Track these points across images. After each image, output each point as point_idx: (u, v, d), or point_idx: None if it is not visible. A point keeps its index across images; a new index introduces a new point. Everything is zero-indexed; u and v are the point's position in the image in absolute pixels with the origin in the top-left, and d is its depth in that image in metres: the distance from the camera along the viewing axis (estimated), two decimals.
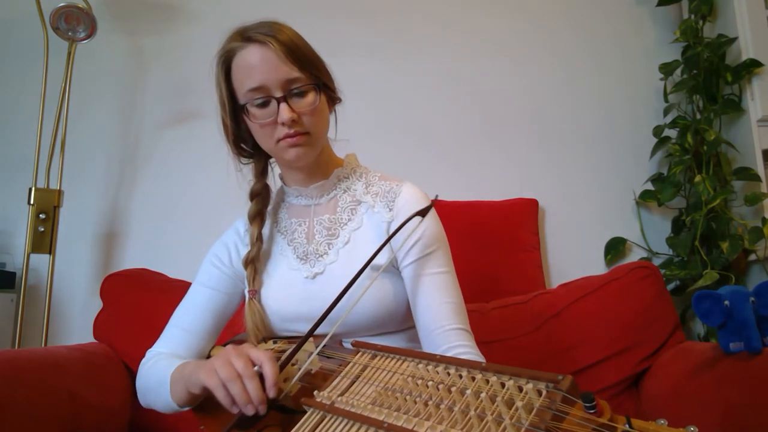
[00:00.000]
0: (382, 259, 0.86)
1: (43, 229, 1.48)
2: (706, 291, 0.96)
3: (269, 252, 0.95)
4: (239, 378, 0.64)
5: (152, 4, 1.78)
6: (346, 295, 0.77)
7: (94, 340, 1.36)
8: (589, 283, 1.34)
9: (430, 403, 0.53)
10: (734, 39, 1.61)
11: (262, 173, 0.96)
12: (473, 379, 0.54)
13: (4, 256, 1.59)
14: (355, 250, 0.88)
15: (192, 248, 1.63)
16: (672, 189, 1.61)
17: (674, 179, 1.63)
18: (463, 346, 0.81)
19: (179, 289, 1.38)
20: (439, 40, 1.81)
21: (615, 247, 1.66)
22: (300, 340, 0.73)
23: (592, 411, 0.44)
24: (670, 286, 1.61)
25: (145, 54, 1.77)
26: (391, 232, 0.86)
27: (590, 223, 1.70)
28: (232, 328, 1.06)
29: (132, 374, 1.30)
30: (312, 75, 0.85)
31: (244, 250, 0.94)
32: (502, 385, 0.51)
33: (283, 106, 0.81)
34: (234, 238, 0.98)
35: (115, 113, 1.74)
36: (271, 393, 0.64)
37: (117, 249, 1.66)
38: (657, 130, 1.72)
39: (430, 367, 0.59)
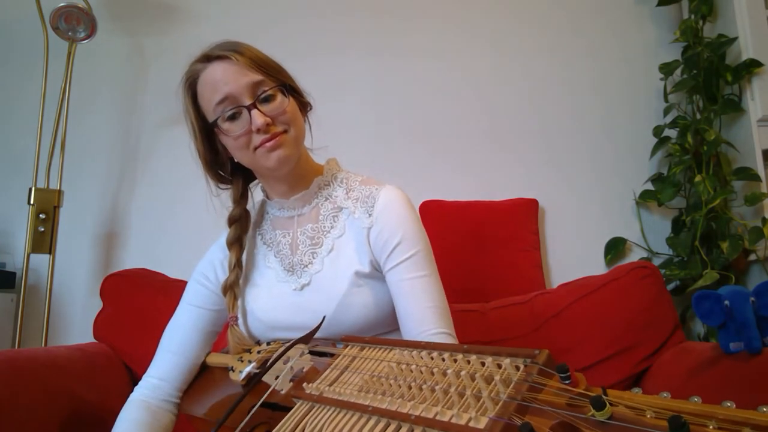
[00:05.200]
0: (364, 267, 0.86)
1: (43, 229, 1.48)
2: (706, 291, 0.96)
3: (256, 264, 0.95)
4: None
5: (152, 4, 1.78)
6: (334, 305, 0.78)
7: (94, 340, 1.36)
8: (589, 283, 1.34)
9: (413, 385, 0.54)
10: (734, 39, 1.61)
11: (240, 198, 0.95)
12: (455, 360, 0.55)
13: (4, 256, 1.59)
14: (339, 258, 0.88)
15: (192, 248, 1.62)
16: (672, 189, 1.61)
17: (674, 179, 1.63)
18: None
19: (179, 289, 1.38)
20: (438, 41, 1.81)
21: (615, 247, 1.66)
22: (288, 344, 0.74)
23: (567, 382, 0.45)
24: (670, 286, 1.61)
25: (145, 54, 1.77)
26: (373, 241, 0.86)
27: (590, 223, 1.70)
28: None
29: (132, 374, 1.30)
30: (276, 79, 0.85)
31: (229, 268, 0.93)
32: (482, 364, 0.53)
33: (255, 112, 0.80)
34: (219, 256, 0.97)
35: (115, 113, 1.74)
36: None
37: (117, 249, 1.66)
38: (657, 130, 1.72)
39: (414, 353, 0.60)
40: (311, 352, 0.76)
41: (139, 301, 1.37)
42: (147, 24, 1.78)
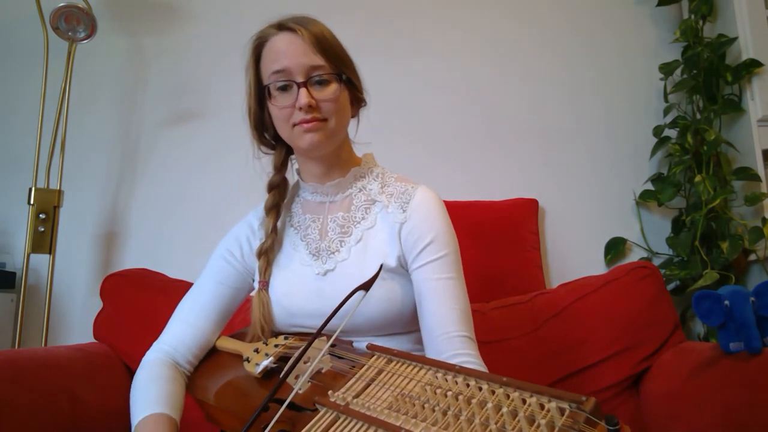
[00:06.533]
0: (391, 261, 0.86)
1: (43, 229, 1.48)
2: (706, 291, 0.96)
3: (282, 245, 0.95)
4: None
5: (152, 4, 1.78)
6: (356, 295, 0.77)
7: (94, 340, 1.36)
8: (589, 283, 1.34)
9: (449, 413, 0.52)
10: (734, 39, 1.61)
11: (281, 166, 0.96)
12: (493, 392, 0.53)
13: (4, 256, 1.59)
14: (367, 249, 0.88)
15: (192, 248, 1.63)
16: (672, 189, 1.61)
17: (674, 179, 1.63)
18: (467, 355, 0.81)
19: (179, 289, 1.38)
20: (439, 41, 1.81)
21: (615, 247, 1.66)
22: (309, 340, 0.72)
23: None
24: (670, 286, 1.61)
25: (145, 54, 1.77)
26: (404, 237, 0.87)
27: (590, 223, 1.70)
28: (233, 323, 1.05)
29: (132, 374, 1.30)
30: (336, 67, 0.87)
31: (257, 245, 0.95)
32: (524, 401, 0.50)
33: (303, 91, 0.83)
34: (246, 232, 0.98)
35: (115, 113, 1.74)
36: None
37: (117, 249, 1.66)
38: (657, 130, 1.72)
39: (449, 377, 0.58)
40: (330, 354, 0.75)
41: (139, 301, 1.37)
42: (147, 24, 1.78)
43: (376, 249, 0.88)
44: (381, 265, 0.81)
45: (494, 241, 1.55)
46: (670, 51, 1.79)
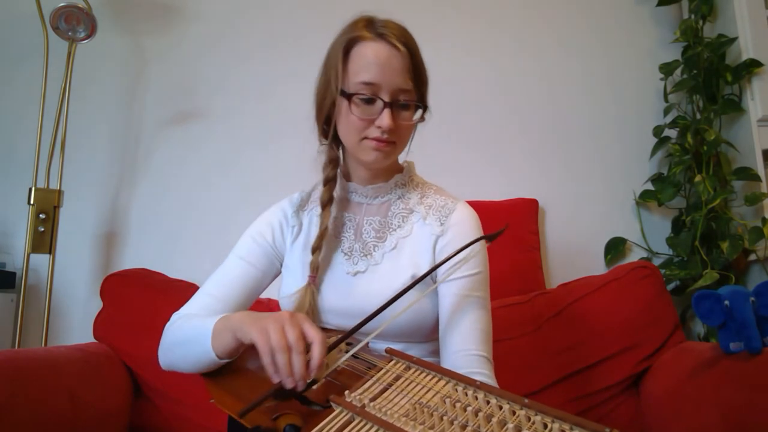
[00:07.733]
0: (421, 272, 0.86)
1: (43, 229, 1.48)
2: (706, 291, 0.96)
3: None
4: (288, 351, 0.63)
5: (152, 4, 1.78)
6: (382, 300, 0.77)
7: (94, 340, 1.36)
8: (589, 283, 1.34)
9: (468, 428, 0.51)
10: (734, 39, 1.61)
11: (336, 160, 0.96)
12: (514, 413, 0.53)
13: (4, 256, 1.59)
14: (400, 257, 0.89)
15: (192, 248, 1.63)
16: (672, 189, 1.61)
17: (674, 179, 1.63)
18: (482, 374, 0.81)
19: (179, 289, 1.39)
20: (439, 41, 1.81)
21: (615, 247, 1.66)
22: (339, 338, 0.72)
23: None
24: (670, 286, 1.61)
25: (145, 54, 1.77)
26: (439, 249, 0.88)
27: (590, 223, 1.70)
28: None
29: (132, 374, 1.30)
30: (420, 94, 0.88)
31: (288, 231, 0.95)
32: (545, 426, 0.50)
33: (387, 111, 0.83)
34: (279, 218, 0.98)
35: (115, 113, 1.73)
36: (313, 374, 0.64)
37: (117, 249, 1.66)
38: (657, 130, 1.72)
39: (469, 392, 0.58)
40: (345, 352, 0.75)
41: (139, 301, 1.37)
42: (147, 24, 1.77)
43: (409, 258, 0.88)
44: (506, 225, 0.84)
45: (494, 241, 1.55)
46: (670, 51, 1.79)
